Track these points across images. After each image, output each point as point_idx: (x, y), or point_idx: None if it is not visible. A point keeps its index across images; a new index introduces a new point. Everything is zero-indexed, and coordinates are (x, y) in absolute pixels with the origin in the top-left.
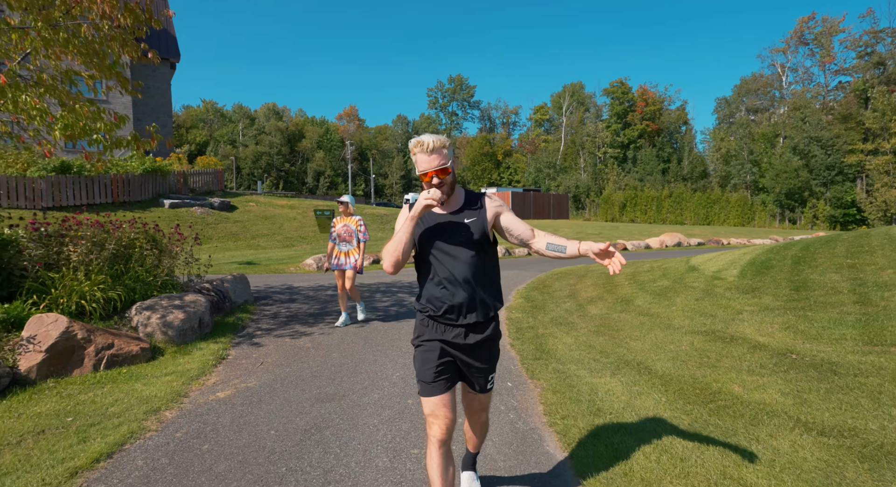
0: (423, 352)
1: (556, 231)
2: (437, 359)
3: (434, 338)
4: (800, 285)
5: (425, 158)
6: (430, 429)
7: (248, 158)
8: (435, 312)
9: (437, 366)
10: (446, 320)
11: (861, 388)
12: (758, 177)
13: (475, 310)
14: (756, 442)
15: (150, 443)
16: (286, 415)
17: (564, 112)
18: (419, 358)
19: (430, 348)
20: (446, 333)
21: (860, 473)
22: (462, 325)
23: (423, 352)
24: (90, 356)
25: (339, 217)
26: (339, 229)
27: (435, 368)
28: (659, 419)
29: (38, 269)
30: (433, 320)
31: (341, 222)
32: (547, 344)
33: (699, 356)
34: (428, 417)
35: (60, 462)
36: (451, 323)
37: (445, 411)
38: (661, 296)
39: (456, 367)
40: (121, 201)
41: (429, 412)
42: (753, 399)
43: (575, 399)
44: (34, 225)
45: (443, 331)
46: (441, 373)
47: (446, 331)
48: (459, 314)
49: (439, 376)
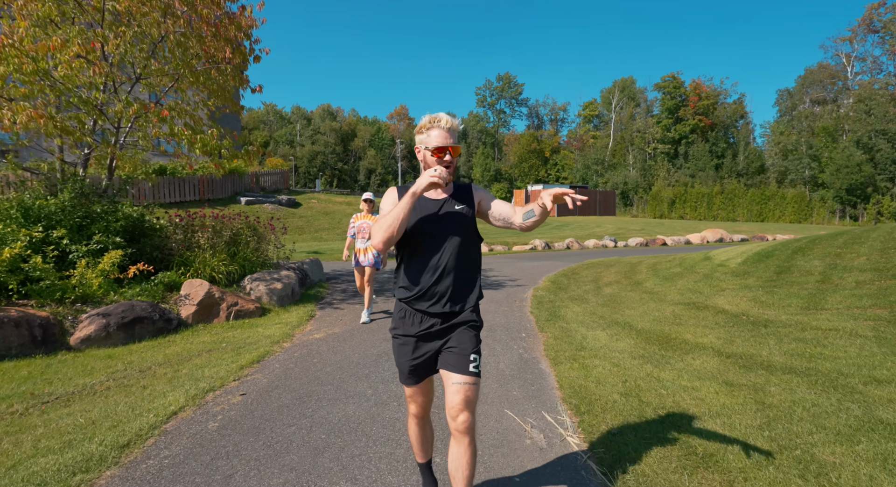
0: (399, 346)
1: (598, 226)
2: (412, 354)
3: (408, 334)
4: (783, 270)
5: (443, 134)
6: (409, 407)
7: (304, 158)
8: (411, 297)
9: (413, 360)
10: (424, 307)
11: (774, 335)
12: (817, 172)
13: (455, 299)
14: (679, 362)
15: (279, 358)
16: (363, 347)
17: (614, 108)
18: (396, 350)
19: (404, 342)
20: (423, 323)
21: (736, 374)
22: (438, 314)
23: (399, 346)
24: (224, 309)
25: (359, 214)
26: (359, 225)
27: (411, 360)
28: (622, 351)
29: (181, 249)
30: (410, 306)
31: (361, 219)
32: (559, 312)
33: (674, 318)
34: (408, 398)
35: (229, 363)
36: (429, 312)
37: (422, 396)
38: (667, 280)
39: (433, 358)
40: (206, 199)
41: (408, 395)
42: (695, 342)
43: (568, 342)
44: (179, 217)
45: (419, 322)
46: (416, 367)
47: (423, 321)
48: (439, 301)
49: (416, 369)
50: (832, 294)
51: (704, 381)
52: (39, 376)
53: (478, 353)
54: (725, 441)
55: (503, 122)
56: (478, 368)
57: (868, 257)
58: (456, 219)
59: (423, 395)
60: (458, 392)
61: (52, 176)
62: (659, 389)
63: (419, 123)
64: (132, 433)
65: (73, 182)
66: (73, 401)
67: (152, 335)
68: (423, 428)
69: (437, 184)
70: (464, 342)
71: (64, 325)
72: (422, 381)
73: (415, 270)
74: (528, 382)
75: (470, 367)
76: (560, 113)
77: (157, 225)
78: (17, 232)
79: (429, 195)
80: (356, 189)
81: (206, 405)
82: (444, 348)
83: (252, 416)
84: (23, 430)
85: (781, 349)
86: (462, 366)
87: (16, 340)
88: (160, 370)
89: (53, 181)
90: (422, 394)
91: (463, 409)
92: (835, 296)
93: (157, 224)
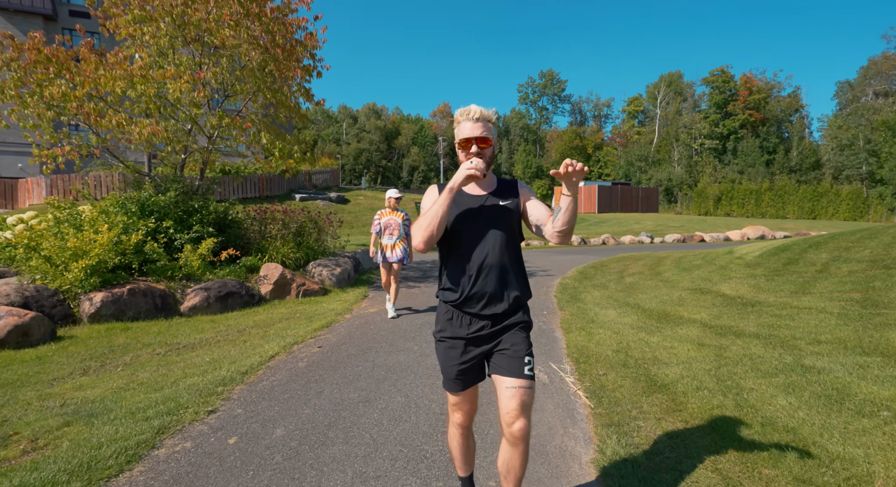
0: (446, 349)
1: (637, 223)
2: (460, 357)
3: (457, 336)
4: (791, 262)
5: (469, 125)
6: (453, 415)
7: (350, 155)
8: (459, 300)
9: (460, 364)
10: (471, 310)
11: (756, 312)
12: (875, 168)
13: (504, 299)
14: (669, 331)
15: (343, 324)
16: (410, 320)
17: (659, 103)
18: (441, 355)
19: (452, 345)
20: (471, 326)
21: (710, 338)
22: (488, 316)
23: (446, 349)
24: (294, 288)
25: (384, 210)
26: (385, 221)
27: (458, 365)
28: (624, 324)
29: (257, 239)
30: (457, 309)
31: (387, 215)
32: (580, 295)
33: (678, 301)
34: (451, 406)
35: (305, 327)
36: (479, 314)
37: (468, 404)
38: (686, 271)
39: (480, 365)
40: (265, 195)
41: (452, 403)
42: (688, 317)
43: (581, 318)
44: (256, 212)
45: (468, 324)
46: (463, 372)
47: (472, 323)
48: (488, 303)
49: (461, 374)
50: (823, 281)
51: (683, 343)
52: (166, 332)
53: (531, 355)
54: (681, 377)
55: (545, 118)
56: (532, 371)
57: (872, 250)
58: (499, 214)
59: (469, 402)
60: (514, 397)
61: (159, 177)
62: (644, 348)
63: (454, 116)
64: (247, 366)
65: (175, 183)
66: (197, 348)
67: (241, 307)
68: (466, 439)
69: (474, 176)
70: (517, 344)
71: (175, 296)
72: (469, 387)
73: (459, 269)
74: (542, 344)
75: (525, 370)
76: (604, 109)
77: (237, 218)
78: (137, 223)
79: (470, 191)
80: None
81: (293, 352)
82: (495, 350)
83: (329, 360)
84: (170, 364)
85: (756, 322)
86: (516, 369)
87: (144, 306)
88: (253, 331)
89: (160, 182)
90: (468, 401)
91: (519, 415)
92: (824, 283)
93: (237, 217)
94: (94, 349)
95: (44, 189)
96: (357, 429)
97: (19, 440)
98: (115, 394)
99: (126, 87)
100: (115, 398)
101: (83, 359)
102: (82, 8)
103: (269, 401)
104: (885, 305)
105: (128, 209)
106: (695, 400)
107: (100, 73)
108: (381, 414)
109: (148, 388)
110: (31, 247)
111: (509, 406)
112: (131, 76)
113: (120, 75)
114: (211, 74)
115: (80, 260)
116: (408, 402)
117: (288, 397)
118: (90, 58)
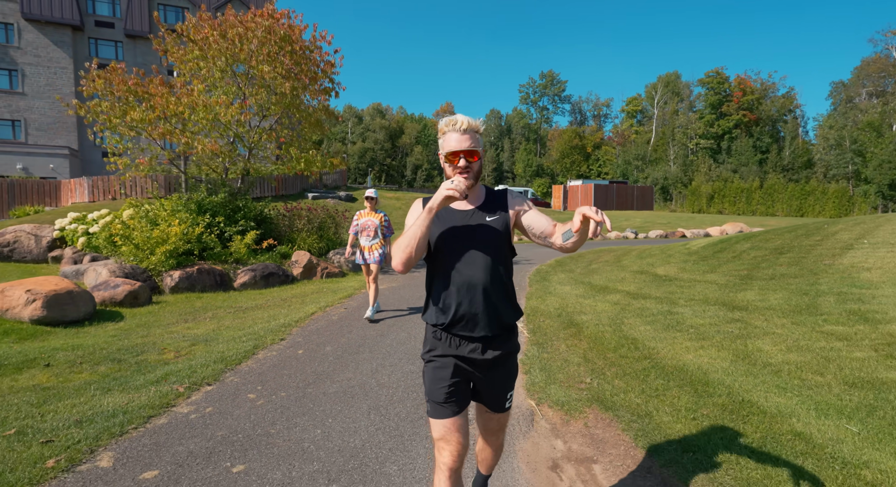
0: (435, 369)
1: (627, 220)
2: (450, 378)
3: (447, 354)
4: (720, 251)
5: (457, 136)
6: (440, 455)
7: (355, 155)
8: (447, 323)
9: (450, 386)
10: (460, 332)
11: (667, 284)
12: (861, 167)
13: (493, 321)
14: (601, 297)
15: (360, 296)
16: (412, 292)
17: (656, 103)
18: (429, 375)
19: (442, 364)
20: (461, 348)
21: (625, 299)
22: (478, 338)
23: (435, 369)
24: (319, 271)
25: (362, 211)
26: (363, 222)
27: (447, 387)
28: (572, 294)
29: (287, 231)
30: (446, 331)
31: (365, 216)
32: (548, 277)
33: (620, 279)
34: (438, 442)
35: (331, 297)
36: (466, 336)
37: (457, 436)
38: (641, 259)
39: (469, 386)
40: (280, 194)
41: (439, 436)
42: (620, 288)
43: (542, 291)
44: (286, 209)
45: (457, 346)
46: (453, 393)
47: (461, 346)
48: (476, 325)
49: (451, 396)
50: (730, 264)
51: (605, 303)
52: (229, 299)
53: (513, 388)
54: (589, 320)
55: (546, 118)
56: (511, 401)
57: (782, 241)
58: (486, 232)
59: (458, 432)
60: (491, 420)
61: (212, 181)
62: (576, 306)
63: (439, 126)
64: (297, 318)
65: (223, 186)
66: (256, 310)
67: (279, 284)
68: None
69: (453, 197)
70: (504, 378)
71: (229, 275)
72: (457, 414)
73: (444, 289)
74: None
75: (506, 404)
76: (603, 108)
77: (271, 215)
78: (196, 218)
79: (456, 206)
80: (403, 185)
81: (327, 312)
82: (483, 382)
83: (353, 315)
84: (242, 317)
85: (663, 290)
86: (499, 405)
87: (208, 281)
88: (293, 300)
89: (211, 185)
90: (457, 431)
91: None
92: (730, 265)
93: (271, 214)
94: (183, 308)
95: (86, 189)
96: (377, 348)
97: (168, 351)
98: (214, 332)
99: (189, 112)
100: (216, 334)
101: (180, 314)
102: (107, 19)
103: (318, 335)
104: (756, 278)
105: (189, 208)
106: (591, 330)
107: (170, 100)
108: (392, 341)
109: (234, 330)
110: (126, 237)
111: (489, 428)
112: (194, 104)
113: (185, 103)
114: (253, 101)
115: (162, 246)
116: (409, 336)
117: (329, 333)
118: (161, 91)
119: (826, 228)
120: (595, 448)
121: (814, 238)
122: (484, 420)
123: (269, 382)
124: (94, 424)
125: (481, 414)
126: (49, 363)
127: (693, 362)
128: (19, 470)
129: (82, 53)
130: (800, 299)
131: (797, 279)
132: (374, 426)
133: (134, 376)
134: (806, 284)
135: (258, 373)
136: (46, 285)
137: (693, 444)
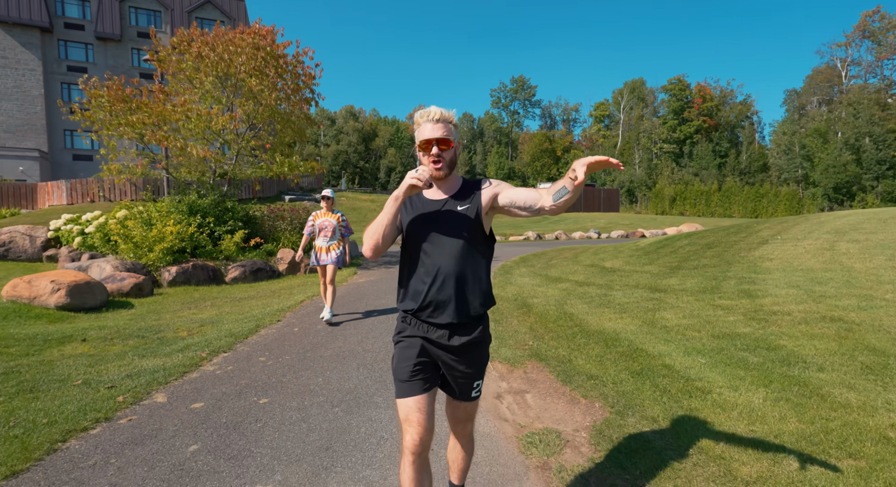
0: (402, 349)
1: (591, 221)
2: (416, 357)
3: (416, 335)
4: (662, 246)
5: (430, 125)
6: (404, 437)
7: (328, 157)
8: (415, 308)
9: (416, 365)
10: (428, 318)
11: (609, 275)
12: (809, 171)
13: (460, 309)
14: (553, 285)
15: (343, 288)
16: (388, 285)
17: (622, 109)
18: (397, 355)
19: (409, 344)
20: (429, 332)
21: (572, 287)
22: (444, 325)
23: (402, 349)
24: (302, 267)
25: (319, 212)
26: (320, 223)
27: (412, 365)
28: (529, 284)
29: (272, 230)
30: (415, 317)
31: (322, 217)
32: (511, 271)
33: (572, 271)
34: (402, 423)
35: (316, 289)
36: (434, 322)
37: (421, 416)
38: (595, 255)
39: (437, 369)
40: (258, 196)
41: (403, 416)
42: (571, 278)
43: (504, 282)
44: (270, 210)
45: (426, 330)
46: (418, 372)
47: (429, 330)
48: (443, 312)
49: (416, 374)
50: (666, 257)
51: (555, 290)
52: (224, 291)
53: (482, 377)
54: (539, 302)
55: (517, 122)
56: (480, 390)
57: (714, 238)
58: (456, 220)
59: (422, 412)
60: (458, 409)
61: (202, 184)
62: (532, 293)
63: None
64: (289, 305)
65: (212, 189)
66: (250, 300)
67: (266, 279)
68: (419, 473)
69: (416, 186)
70: (472, 366)
71: (221, 270)
72: (423, 393)
73: (414, 276)
74: None
75: (472, 393)
76: (572, 113)
77: (256, 215)
78: (188, 219)
79: (429, 195)
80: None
81: (314, 300)
82: (450, 368)
83: (339, 301)
84: (239, 305)
85: (605, 279)
86: (465, 393)
87: (202, 276)
88: (282, 291)
89: (200, 188)
90: (420, 411)
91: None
92: (666, 258)
93: (256, 215)
94: (183, 299)
95: (64, 192)
96: (361, 326)
97: (181, 330)
98: (217, 316)
99: (184, 119)
100: (219, 318)
101: (182, 303)
102: (78, 21)
103: (309, 317)
104: (683, 268)
105: (181, 209)
106: (539, 309)
107: (167, 108)
108: (373, 321)
109: (234, 314)
110: (125, 236)
111: (457, 416)
112: (188, 112)
113: (180, 111)
114: (241, 111)
115: (160, 244)
116: (388, 318)
117: (318, 316)
118: (159, 97)
119: (753, 226)
120: (529, 385)
121: (740, 235)
122: (452, 409)
123: (274, 350)
124: (142, 377)
125: (449, 403)
126: (85, 338)
127: (611, 327)
128: (100, 403)
129: (52, 55)
130: (709, 283)
131: (714, 269)
132: (363, 375)
133: (160, 347)
134: (719, 272)
135: (264, 344)
136: (67, 277)
137: (595, 375)
